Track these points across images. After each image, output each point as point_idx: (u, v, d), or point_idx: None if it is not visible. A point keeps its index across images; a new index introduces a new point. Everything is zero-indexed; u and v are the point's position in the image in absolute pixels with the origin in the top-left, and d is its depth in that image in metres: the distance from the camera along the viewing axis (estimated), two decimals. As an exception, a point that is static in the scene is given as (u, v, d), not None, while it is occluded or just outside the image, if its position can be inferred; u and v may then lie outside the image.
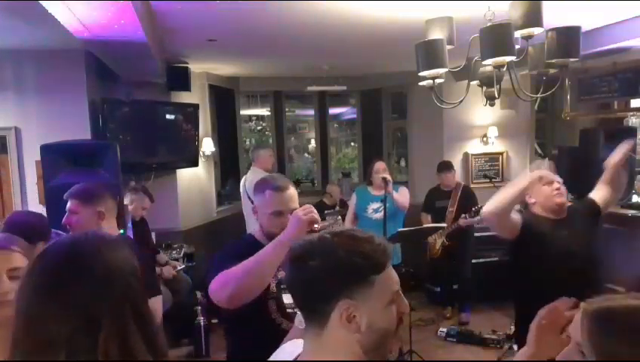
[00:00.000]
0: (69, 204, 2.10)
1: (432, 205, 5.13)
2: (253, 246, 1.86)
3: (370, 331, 0.94)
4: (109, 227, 2.15)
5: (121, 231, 2.41)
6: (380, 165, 4.14)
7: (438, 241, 4.89)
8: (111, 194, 2.20)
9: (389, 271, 0.98)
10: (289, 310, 1.81)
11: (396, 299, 0.98)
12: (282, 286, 1.82)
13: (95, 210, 2.07)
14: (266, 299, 1.81)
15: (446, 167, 5.08)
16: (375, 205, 4.12)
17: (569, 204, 2.55)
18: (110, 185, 2.28)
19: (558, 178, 2.53)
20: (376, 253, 0.96)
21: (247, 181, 4.71)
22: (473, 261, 5.17)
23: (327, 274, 0.94)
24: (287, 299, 1.82)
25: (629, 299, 0.98)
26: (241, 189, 4.72)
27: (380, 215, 4.11)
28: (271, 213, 1.84)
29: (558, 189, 2.48)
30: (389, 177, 3.98)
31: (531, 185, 2.41)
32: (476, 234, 5.10)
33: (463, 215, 4.72)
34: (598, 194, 2.59)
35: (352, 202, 4.28)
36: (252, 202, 4.95)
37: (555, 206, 2.45)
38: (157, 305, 2.02)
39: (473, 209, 4.66)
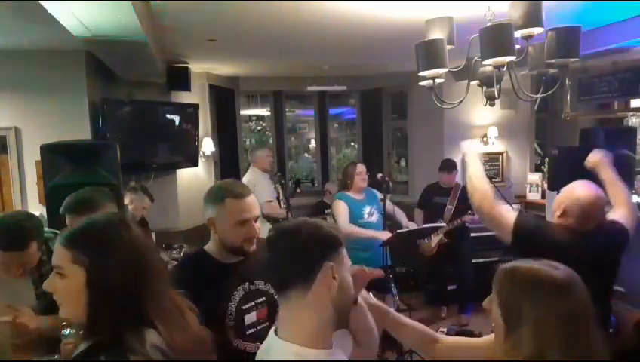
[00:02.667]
0: (67, 220, 2.05)
1: (428, 200, 5.07)
2: (210, 266, 1.73)
3: (340, 291, 1.14)
4: None
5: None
6: (362, 167, 4.10)
7: (434, 239, 4.87)
8: (108, 198, 2.15)
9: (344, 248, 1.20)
10: (251, 330, 1.74)
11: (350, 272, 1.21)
12: (243, 308, 1.73)
13: None
14: (226, 329, 1.71)
15: (448, 166, 5.06)
16: (367, 209, 4.08)
17: None
18: (105, 189, 2.23)
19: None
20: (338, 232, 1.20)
21: (246, 182, 4.72)
22: (473, 261, 5.16)
23: (316, 241, 1.13)
24: (249, 319, 1.75)
25: (533, 263, 1.22)
26: None
27: (374, 217, 4.11)
28: (235, 223, 1.68)
29: None
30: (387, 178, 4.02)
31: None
32: (476, 235, 5.07)
33: (470, 211, 4.69)
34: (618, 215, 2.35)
35: (346, 210, 4.00)
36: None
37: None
38: None
39: None
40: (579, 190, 2.30)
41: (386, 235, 3.88)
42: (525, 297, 1.16)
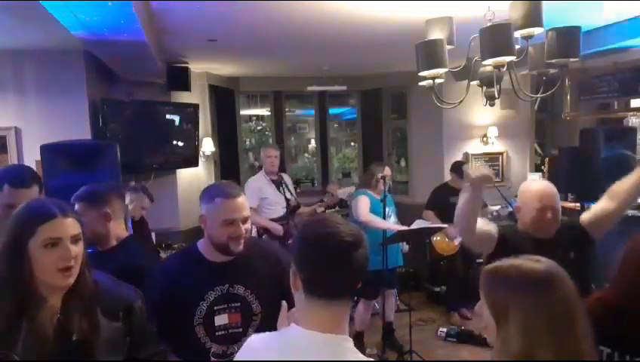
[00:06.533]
0: (76, 207, 2.07)
1: (443, 201, 5.04)
2: (195, 262, 1.82)
3: None
4: (118, 227, 2.13)
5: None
6: (389, 170, 4.17)
7: (459, 236, 4.86)
8: (118, 195, 2.18)
9: None
10: (220, 332, 1.78)
11: None
12: (215, 309, 1.78)
13: (100, 211, 2.04)
14: (193, 326, 1.76)
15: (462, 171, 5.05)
16: (386, 210, 4.10)
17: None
18: (116, 186, 2.27)
19: (556, 203, 2.20)
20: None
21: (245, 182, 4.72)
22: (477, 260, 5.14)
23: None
24: (219, 320, 1.78)
25: (516, 260, 1.21)
26: None
27: (392, 219, 4.14)
28: (222, 221, 1.73)
29: (550, 220, 2.17)
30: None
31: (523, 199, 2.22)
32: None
33: (500, 206, 4.71)
34: (594, 208, 2.26)
35: (366, 205, 4.06)
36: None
37: (540, 230, 2.20)
38: None
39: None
40: None
41: (401, 228, 3.92)
42: (510, 294, 1.16)
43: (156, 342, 1.64)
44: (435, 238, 4.98)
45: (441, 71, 2.79)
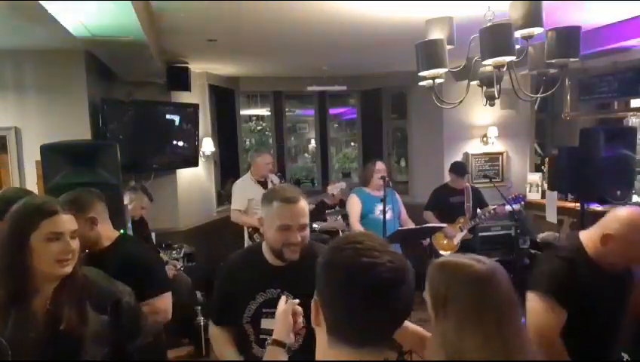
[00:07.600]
0: None
1: (443, 202, 5.03)
2: (255, 261, 1.83)
3: None
4: (107, 229, 2.14)
5: (122, 230, 2.40)
6: (381, 165, 4.18)
7: (457, 236, 4.87)
8: (98, 198, 2.16)
9: None
10: (265, 336, 1.73)
11: None
12: (263, 311, 1.76)
13: (86, 217, 2.03)
14: (243, 322, 1.80)
15: (462, 171, 5.04)
16: (381, 206, 4.10)
17: None
18: (95, 190, 2.24)
19: None
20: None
21: (233, 185, 4.70)
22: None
23: None
24: (265, 324, 1.75)
25: (461, 257, 1.22)
26: None
27: (388, 215, 4.14)
28: (277, 226, 1.69)
29: None
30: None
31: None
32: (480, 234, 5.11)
33: (503, 202, 4.70)
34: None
35: (357, 205, 4.13)
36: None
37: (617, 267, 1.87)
38: (166, 300, 2.06)
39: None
40: None
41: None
42: (448, 288, 1.17)
43: (145, 335, 1.76)
44: (435, 238, 4.97)
45: (441, 71, 2.79)
